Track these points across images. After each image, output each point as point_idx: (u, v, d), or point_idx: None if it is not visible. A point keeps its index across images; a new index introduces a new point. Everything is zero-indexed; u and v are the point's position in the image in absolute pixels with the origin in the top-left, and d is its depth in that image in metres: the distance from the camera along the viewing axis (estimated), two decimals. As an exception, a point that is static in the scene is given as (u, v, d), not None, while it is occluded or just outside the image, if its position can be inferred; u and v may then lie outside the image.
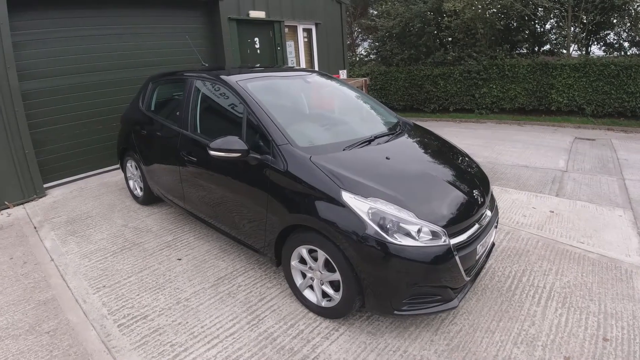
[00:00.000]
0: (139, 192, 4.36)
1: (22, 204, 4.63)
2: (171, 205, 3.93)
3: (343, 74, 8.41)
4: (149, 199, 4.22)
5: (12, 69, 4.36)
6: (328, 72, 8.02)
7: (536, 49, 11.60)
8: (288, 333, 2.40)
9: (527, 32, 11.43)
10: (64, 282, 3.08)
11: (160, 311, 2.66)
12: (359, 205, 2.15)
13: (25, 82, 4.69)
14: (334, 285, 2.38)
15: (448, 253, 2.13)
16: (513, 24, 11.47)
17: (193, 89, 3.29)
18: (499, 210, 4.05)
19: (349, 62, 16.52)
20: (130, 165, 4.34)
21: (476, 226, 2.38)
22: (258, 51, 7.11)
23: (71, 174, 5.23)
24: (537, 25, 11.41)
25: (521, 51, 11.84)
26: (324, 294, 2.46)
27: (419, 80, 12.78)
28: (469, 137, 8.89)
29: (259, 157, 2.55)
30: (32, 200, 4.72)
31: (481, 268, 2.60)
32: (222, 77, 3.05)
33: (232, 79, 2.99)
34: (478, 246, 2.32)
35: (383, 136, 2.91)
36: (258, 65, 4.93)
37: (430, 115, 12.49)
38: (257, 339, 2.36)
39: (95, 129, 5.38)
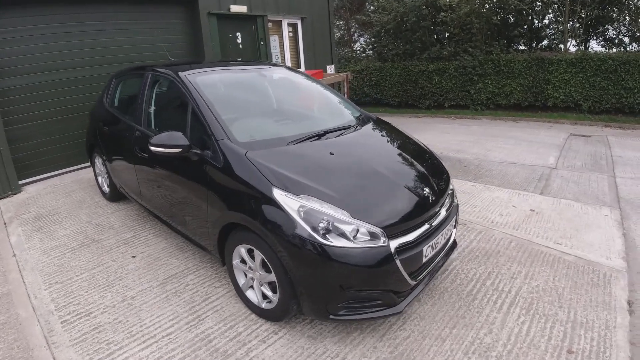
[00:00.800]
0: (106, 189, 4.34)
1: (-4, 200, 4.65)
2: (134, 202, 3.91)
3: (331, 69, 8.33)
4: (115, 195, 4.20)
5: None
6: (315, 67, 7.96)
7: (534, 44, 11.38)
8: (225, 335, 2.33)
9: (524, 27, 11.23)
10: (20, 277, 3.07)
11: (104, 309, 2.62)
12: (290, 203, 2.06)
13: (2, 79, 4.68)
14: (272, 286, 2.30)
15: (387, 255, 2.02)
16: (510, 19, 11.28)
17: (147, 84, 3.24)
18: (476, 209, 4.03)
19: (345, 58, 16.44)
20: (98, 161, 4.32)
21: (425, 227, 2.26)
22: (240, 46, 7.06)
23: (48, 171, 5.23)
24: (535, 20, 11.20)
25: (518, 47, 11.63)
26: (264, 296, 2.39)
27: (414, 76, 12.66)
28: (461, 134, 8.77)
29: (199, 152, 2.49)
30: (7, 197, 4.72)
31: (436, 270, 2.49)
32: (172, 71, 3.00)
33: (183, 73, 2.92)
34: (426, 248, 2.21)
35: (336, 131, 2.80)
36: (230, 60, 4.84)
37: (425, 112, 12.35)
38: (192, 340, 2.30)
39: (72, 125, 5.37)
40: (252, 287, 2.49)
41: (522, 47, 11.42)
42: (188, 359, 2.17)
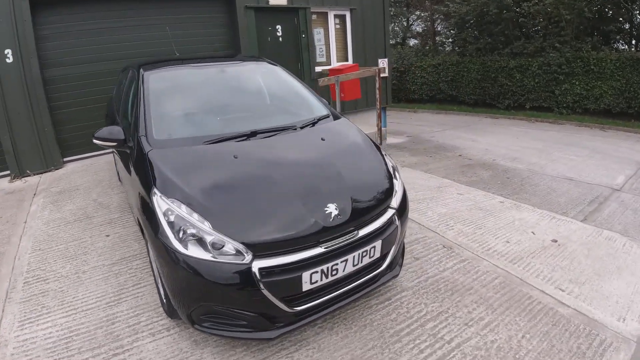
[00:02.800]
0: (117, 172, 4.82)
1: (40, 173, 5.45)
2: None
3: (383, 62, 8.03)
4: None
5: (35, 58, 5.17)
6: (365, 62, 7.75)
7: (633, 42, 9.59)
8: (128, 321, 2.45)
9: (623, 22, 9.51)
10: (18, 242, 3.59)
11: (57, 277, 2.95)
12: (161, 205, 2.09)
13: (50, 69, 5.49)
14: None
15: (246, 276, 1.89)
16: (607, 12, 9.62)
17: (127, 79, 3.51)
18: (480, 231, 3.57)
19: (423, 52, 15.67)
20: None
21: (318, 250, 2.04)
22: (280, 39, 7.17)
23: (88, 151, 5.97)
24: (637, 15, 9.41)
25: (617, 45, 9.89)
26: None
27: (493, 72, 11.64)
28: (531, 140, 7.86)
29: (129, 146, 2.66)
30: (48, 171, 5.53)
31: (344, 298, 2.22)
32: (138, 68, 3.19)
33: (143, 70, 3.11)
34: (310, 274, 2.00)
35: (272, 131, 2.73)
36: (219, 55, 4.83)
37: (503, 113, 11.28)
38: (101, 320, 2.47)
39: (114, 111, 6.06)
40: (161, 280, 2.57)
41: (622, 46, 9.67)
42: (87, 334, 2.36)
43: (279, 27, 7.06)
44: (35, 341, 2.32)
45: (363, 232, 2.22)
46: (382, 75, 7.95)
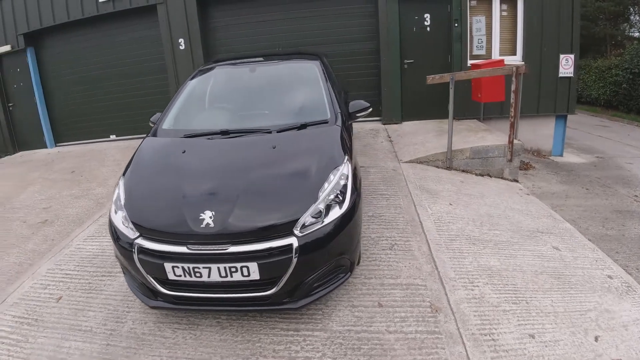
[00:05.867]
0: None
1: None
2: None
3: (568, 59, 6.21)
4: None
5: (199, 47, 6.70)
6: (540, 56, 6.28)
7: None
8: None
9: None
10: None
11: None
12: (119, 184, 2.72)
13: (214, 56, 6.81)
14: None
15: (130, 247, 2.34)
16: None
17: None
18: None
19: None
20: None
21: (182, 248, 2.23)
22: (428, 29, 6.47)
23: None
24: None
25: None
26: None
27: None
28: None
29: None
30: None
31: (214, 304, 2.39)
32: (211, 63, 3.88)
33: (205, 66, 3.79)
34: (171, 266, 2.23)
35: (246, 132, 2.93)
36: (283, 52, 4.89)
37: None
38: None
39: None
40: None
41: None
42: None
43: (427, 15, 6.42)
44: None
45: (235, 248, 2.18)
46: (565, 75, 6.23)
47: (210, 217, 2.23)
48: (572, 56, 6.29)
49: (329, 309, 2.61)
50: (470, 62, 6.39)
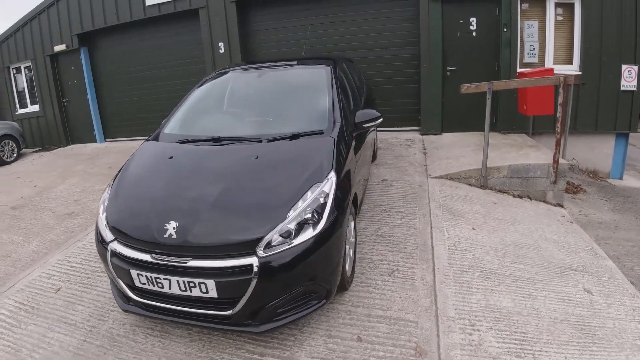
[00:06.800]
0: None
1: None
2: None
3: (632, 71, 5.44)
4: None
5: (238, 50, 6.83)
6: (600, 66, 5.60)
7: None
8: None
9: None
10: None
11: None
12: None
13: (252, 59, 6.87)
14: None
15: (105, 250, 2.36)
16: None
17: None
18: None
19: None
20: None
21: (147, 257, 2.20)
22: (473, 34, 5.98)
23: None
24: None
25: None
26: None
27: None
28: None
29: None
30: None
31: (177, 315, 2.29)
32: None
33: (222, 70, 3.83)
34: (136, 273, 2.21)
35: (234, 140, 2.86)
36: (298, 57, 4.57)
37: None
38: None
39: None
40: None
41: None
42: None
43: (473, 19, 5.94)
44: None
45: (194, 263, 2.10)
46: (627, 88, 5.49)
47: (174, 228, 2.16)
48: (636, 67, 5.48)
49: (302, 335, 2.41)
50: (519, 70, 5.82)
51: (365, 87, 5.10)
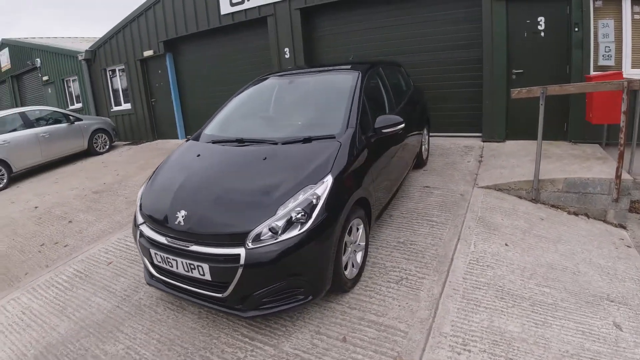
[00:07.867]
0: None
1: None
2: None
3: None
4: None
5: (301, 54, 7.10)
6: None
7: None
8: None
9: None
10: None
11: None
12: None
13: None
14: None
15: (137, 231, 2.78)
16: None
17: None
18: None
19: None
20: None
21: (163, 239, 2.56)
22: (542, 34, 5.45)
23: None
24: None
25: None
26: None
27: None
28: None
29: None
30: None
31: (183, 292, 2.60)
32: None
33: (267, 75, 4.17)
34: (154, 252, 2.58)
35: (255, 142, 3.08)
36: (331, 63, 4.41)
37: None
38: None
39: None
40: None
41: None
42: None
43: (541, 19, 5.44)
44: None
45: (195, 248, 2.40)
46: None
47: (183, 217, 2.49)
48: None
49: (294, 327, 2.55)
50: (591, 73, 5.21)
51: (411, 91, 5.02)
